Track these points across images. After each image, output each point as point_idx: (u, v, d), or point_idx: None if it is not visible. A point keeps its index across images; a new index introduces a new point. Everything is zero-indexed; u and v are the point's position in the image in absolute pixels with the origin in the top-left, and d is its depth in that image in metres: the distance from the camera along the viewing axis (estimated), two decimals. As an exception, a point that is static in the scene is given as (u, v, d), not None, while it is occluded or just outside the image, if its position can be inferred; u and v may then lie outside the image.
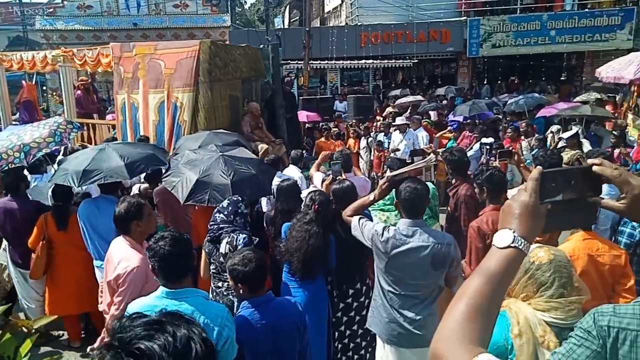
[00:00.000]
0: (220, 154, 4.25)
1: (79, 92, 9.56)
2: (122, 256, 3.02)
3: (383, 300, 3.05)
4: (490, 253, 1.04)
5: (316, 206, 3.41)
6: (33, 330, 1.94)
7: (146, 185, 5.23)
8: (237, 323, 2.43)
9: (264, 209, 4.68)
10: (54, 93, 16.80)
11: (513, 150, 6.36)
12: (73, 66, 8.72)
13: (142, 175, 5.28)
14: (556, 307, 1.86)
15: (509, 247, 1.01)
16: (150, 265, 2.36)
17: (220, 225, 3.37)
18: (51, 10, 21.07)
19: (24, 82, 11.83)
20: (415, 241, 2.85)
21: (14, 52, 10.36)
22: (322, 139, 9.70)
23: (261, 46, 9.25)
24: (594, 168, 1.09)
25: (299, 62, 16.44)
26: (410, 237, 2.87)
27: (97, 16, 20.62)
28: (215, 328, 2.21)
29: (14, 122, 9.73)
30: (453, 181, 4.54)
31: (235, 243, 3.24)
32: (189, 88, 6.55)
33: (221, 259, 3.35)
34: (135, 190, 5.36)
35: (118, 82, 7.30)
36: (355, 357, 3.70)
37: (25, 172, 5.49)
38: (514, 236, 1.02)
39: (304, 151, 6.91)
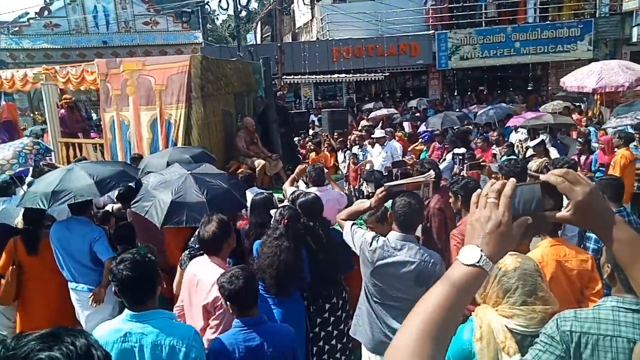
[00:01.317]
0: (189, 172, 4.20)
1: (62, 111, 9.21)
2: (215, 278, 2.88)
3: (368, 309, 3.06)
4: (453, 267, 1.01)
5: (285, 220, 3.41)
6: None
7: (119, 205, 5.16)
8: (219, 342, 2.42)
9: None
10: (36, 113, 16.40)
11: (483, 160, 6.54)
12: (56, 84, 8.46)
13: (115, 197, 5.20)
14: (518, 314, 1.91)
15: (473, 265, 0.97)
16: (113, 289, 2.33)
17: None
18: (17, 29, 20.66)
19: (3, 102, 11.49)
20: (403, 255, 2.85)
21: None
22: (313, 154, 9.44)
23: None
24: (541, 177, 1.10)
25: (272, 77, 16.54)
26: (399, 250, 2.87)
27: (65, 34, 20.33)
28: (181, 349, 2.19)
29: None
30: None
31: None
32: (181, 104, 6.42)
33: None
34: (107, 209, 5.29)
35: (105, 100, 7.10)
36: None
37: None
38: (481, 255, 0.97)
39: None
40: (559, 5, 18.96)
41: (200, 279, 2.94)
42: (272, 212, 3.89)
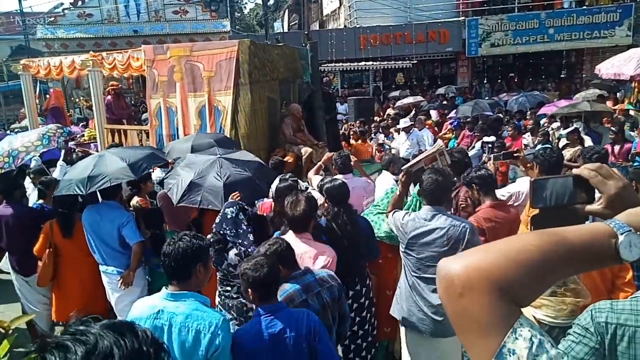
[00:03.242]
0: (219, 156, 4.24)
1: (109, 97, 9.27)
2: (315, 251, 3.03)
3: (406, 285, 3.20)
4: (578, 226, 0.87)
5: None
6: (10, 331, 1.95)
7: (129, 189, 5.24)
8: (246, 331, 2.44)
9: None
10: (81, 99, 16.79)
11: (517, 150, 6.36)
12: (103, 71, 8.39)
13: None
14: (547, 304, 1.86)
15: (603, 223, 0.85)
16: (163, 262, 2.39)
17: (225, 234, 3.43)
18: (52, 19, 21.20)
19: (51, 89, 11.69)
20: (434, 224, 3.05)
21: (41, 58, 10.28)
22: (359, 142, 9.18)
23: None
24: (574, 171, 1.08)
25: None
26: (429, 220, 3.07)
27: (97, 24, 20.74)
28: (206, 335, 2.21)
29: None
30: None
31: (243, 256, 3.30)
32: (229, 90, 6.31)
33: (230, 268, 3.39)
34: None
35: (151, 86, 7.06)
36: (357, 359, 3.69)
37: (27, 179, 5.54)
38: (617, 221, 0.84)
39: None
40: (597, -10, 18.27)
41: (299, 254, 2.99)
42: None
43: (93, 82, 8.33)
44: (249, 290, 2.48)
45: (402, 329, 3.36)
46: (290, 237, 3.08)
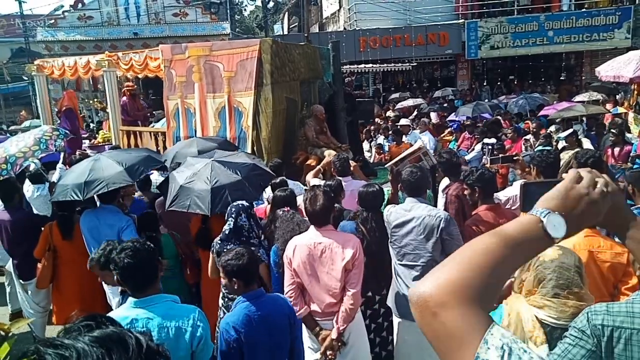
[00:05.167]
0: (213, 159, 4.22)
1: (124, 98, 9.12)
2: (339, 242, 3.05)
3: (394, 275, 3.41)
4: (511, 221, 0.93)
5: (287, 208, 3.74)
6: (10, 334, 1.97)
7: (139, 193, 5.25)
8: (236, 317, 2.52)
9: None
10: (95, 100, 16.71)
11: (517, 154, 6.36)
12: (119, 71, 8.26)
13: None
14: (549, 305, 1.85)
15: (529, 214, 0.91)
16: (115, 277, 2.38)
17: (230, 236, 3.48)
18: (52, 21, 21.22)
19: (64, 91, 11.62)
20: (412, 213, 3.29)
21: (55, 59, 10.14)
22: (394, 143, 8.95)
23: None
24: (562, 176, 1.06)
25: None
26: (409, 211, 3.32)
27: (97, 26, 20.78)
28: (188, 330, 2.25)
29: None
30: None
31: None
32: (250, 91, 6.17)
33: None
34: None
35: (169, 87, 6.93)
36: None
37: (27, 182, 5.53)
38: (544, 210, 0.90)
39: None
40: (596, -8, 18.31)
41: (327, 245, 3.03)
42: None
43: (108, 83, 8.13)
44: (234, 279, 2.59)
45: (394, 316, 3.50)
46: (312, 231, 3.12)
